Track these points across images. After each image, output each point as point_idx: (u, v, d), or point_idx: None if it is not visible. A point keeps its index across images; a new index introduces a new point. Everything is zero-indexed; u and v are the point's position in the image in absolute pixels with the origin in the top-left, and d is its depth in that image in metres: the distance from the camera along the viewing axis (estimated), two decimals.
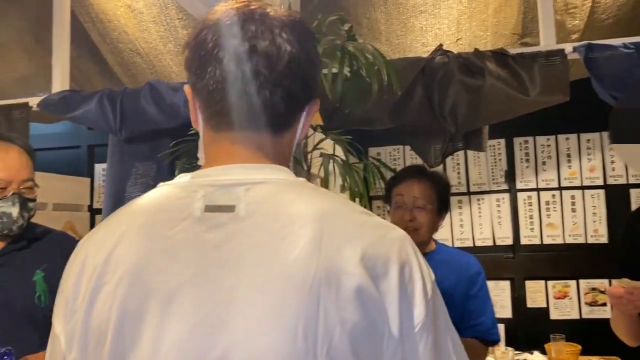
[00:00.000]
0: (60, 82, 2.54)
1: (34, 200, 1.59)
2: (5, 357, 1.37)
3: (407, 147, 3.52)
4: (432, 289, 0.72)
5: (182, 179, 0.76)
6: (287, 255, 0.66)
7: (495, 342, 1.87)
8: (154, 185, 0.78)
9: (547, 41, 2.19)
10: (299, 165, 2.12)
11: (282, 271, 0.66)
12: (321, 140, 2.12)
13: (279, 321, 0.64)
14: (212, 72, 0.73)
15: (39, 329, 1.51)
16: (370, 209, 1.95)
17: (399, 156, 3.68)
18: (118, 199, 2.46)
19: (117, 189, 2.49)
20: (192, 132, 1.91)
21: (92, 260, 0.73)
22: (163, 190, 0.76)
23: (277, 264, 0.66)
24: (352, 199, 1.96)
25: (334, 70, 1.83)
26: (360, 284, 0.65)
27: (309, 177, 2.14)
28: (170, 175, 2.50)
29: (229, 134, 0.75)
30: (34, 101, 2.44)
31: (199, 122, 0.79)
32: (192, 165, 2.04)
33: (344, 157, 2.01)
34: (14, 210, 1.52)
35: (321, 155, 1.98)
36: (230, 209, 0.70)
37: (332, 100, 1.93)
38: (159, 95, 2.30)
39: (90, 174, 4.04)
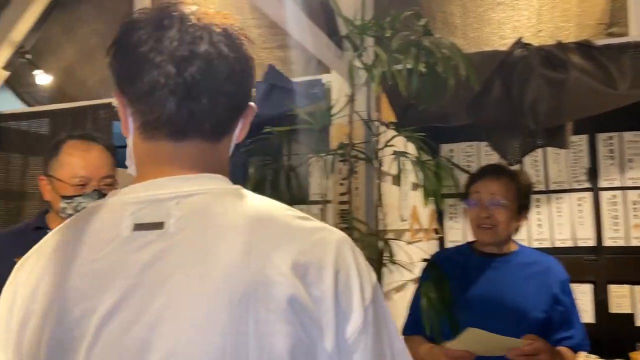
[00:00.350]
0: None
1: None
2: None
3: (483, 144, 3.40)
4: (372, 294, 0.67)
5: (113, 197, 0.73)
6: (215, 271, 0.63)
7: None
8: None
9: (638, 31, 2.05)
10: (370, 162, 2.10)
11: (210, 288, 0.63)
12: (393, 137, 2.09)
13: (207, 340, 0.61)
14: (149, 78, 0.68)
15: None
16: (441, 207, 1.90)
17: (474, 153, 3.57)
18: None
19: None
20: (267, 130, 1.93)
21: (22, 288, 0.72)
22: (93, 210, 0.73)
23: (205, 280, 0.63)
24: (426, 196, 1.92)
25: (409, 66, 1.79)
26: (292, 294, 0.62)
27: (380, 175, 2.12)
28: (244, 177, 2.57)
29: (164, 144, 0.71)
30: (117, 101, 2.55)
31: (129, 132, 0.74)
32: (265, 163, 2.07)
33: (416, 154, 1.98)
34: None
35: (394, 153, 1.95)
36: (159, 226, 0.67)
37: (407, 96, 1.90)
38: None
39: None
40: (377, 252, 1.90)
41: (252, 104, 0.77)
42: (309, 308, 0.63)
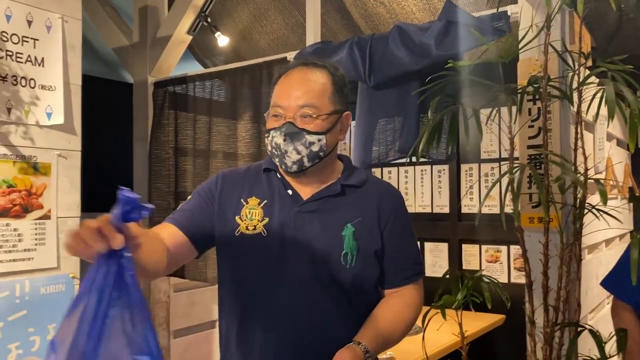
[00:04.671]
0: (313, 37, 2.65)
1: (315, 133, 1.29)
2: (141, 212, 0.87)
3: None
4: None
5: None
6: None
7: None
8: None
9: None
10: (567, 100, 1.86)
11: None
12: (594, 71, 1.82)
13: None
14: None
15: (344, 292, 1.30)
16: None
17: None
18: (367, 147, 2.49)
19: (365, 138, 2.52)
20: (449, 64, 1.80)
21: None
22: None
23: None
24: (633, 137, 1.64)
25: None
26: None
27: (579, 116, 1.86)
28: (416, 130, 2.46)
29: None
30: (290, 56, 2.58)
31: None
32: (446, 104, 1.94)
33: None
34: (281, 141, 1.28)
35: (599, 83, 1.70)
36: None
37: (615, 19, 1.63)
38: (408, 37, 2.23)
39: None
40: (581, 194, 1.68)
41: None
42: None
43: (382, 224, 1.35)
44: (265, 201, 1.35)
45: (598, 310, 2.42)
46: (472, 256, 3.65)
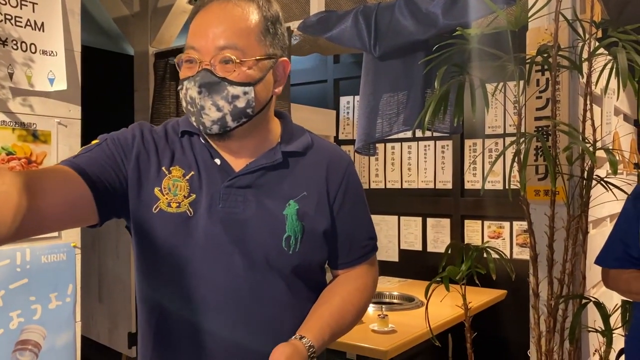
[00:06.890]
0: (317, 5, 2.60)
1: (240, 83, 1.01)
2: None
3: None
4: None
5: None
6: None
7: None
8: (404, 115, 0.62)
9: None
10: (577, 71, 1.82)
11: None
12: (605, 41, 1.78)
13: None
14: None
15: (286, 280, 1.09)
16: None
17: None
18: (371, 120, 2.46)
19: (370, 110, 2.49)
20: (457, 32, 1.76)
21: None
22: None
23: None
24: None
25: None
26: None
27: (589, 87, 1.83)
28: (421, 102, 2.42)
29: None
30: (294, 25, 2.54)
31: None
32: (452, 74, 1.90)
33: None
34: (196, 94, 1.01)
35: (610, 53, 1.66)
36: None
37: None
38: (415, 6, 2.19)
39: (336, 107, 4.22)
40: (589, 165, 1.66)
41: None
42: None
43: (332, 197, 1.14)
44: (192, 173, 1.07)
45: (601, 285, 2.42)
46: (474, 232, 3.64)
